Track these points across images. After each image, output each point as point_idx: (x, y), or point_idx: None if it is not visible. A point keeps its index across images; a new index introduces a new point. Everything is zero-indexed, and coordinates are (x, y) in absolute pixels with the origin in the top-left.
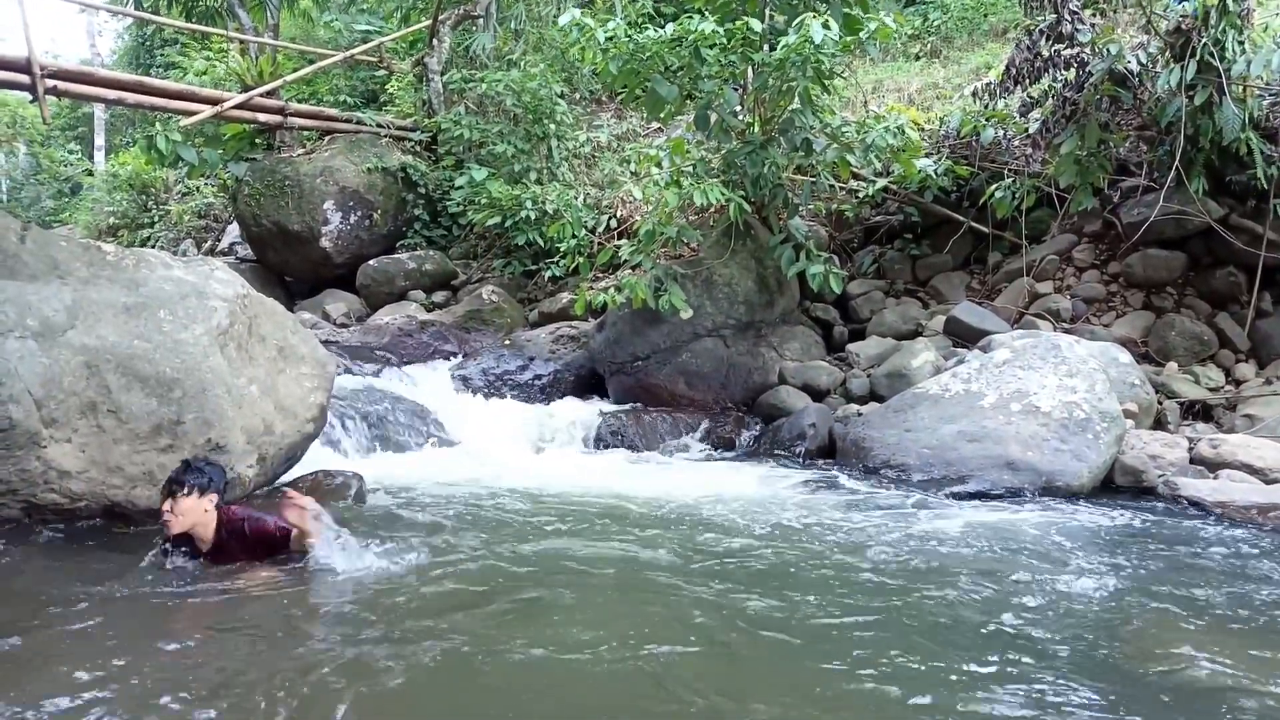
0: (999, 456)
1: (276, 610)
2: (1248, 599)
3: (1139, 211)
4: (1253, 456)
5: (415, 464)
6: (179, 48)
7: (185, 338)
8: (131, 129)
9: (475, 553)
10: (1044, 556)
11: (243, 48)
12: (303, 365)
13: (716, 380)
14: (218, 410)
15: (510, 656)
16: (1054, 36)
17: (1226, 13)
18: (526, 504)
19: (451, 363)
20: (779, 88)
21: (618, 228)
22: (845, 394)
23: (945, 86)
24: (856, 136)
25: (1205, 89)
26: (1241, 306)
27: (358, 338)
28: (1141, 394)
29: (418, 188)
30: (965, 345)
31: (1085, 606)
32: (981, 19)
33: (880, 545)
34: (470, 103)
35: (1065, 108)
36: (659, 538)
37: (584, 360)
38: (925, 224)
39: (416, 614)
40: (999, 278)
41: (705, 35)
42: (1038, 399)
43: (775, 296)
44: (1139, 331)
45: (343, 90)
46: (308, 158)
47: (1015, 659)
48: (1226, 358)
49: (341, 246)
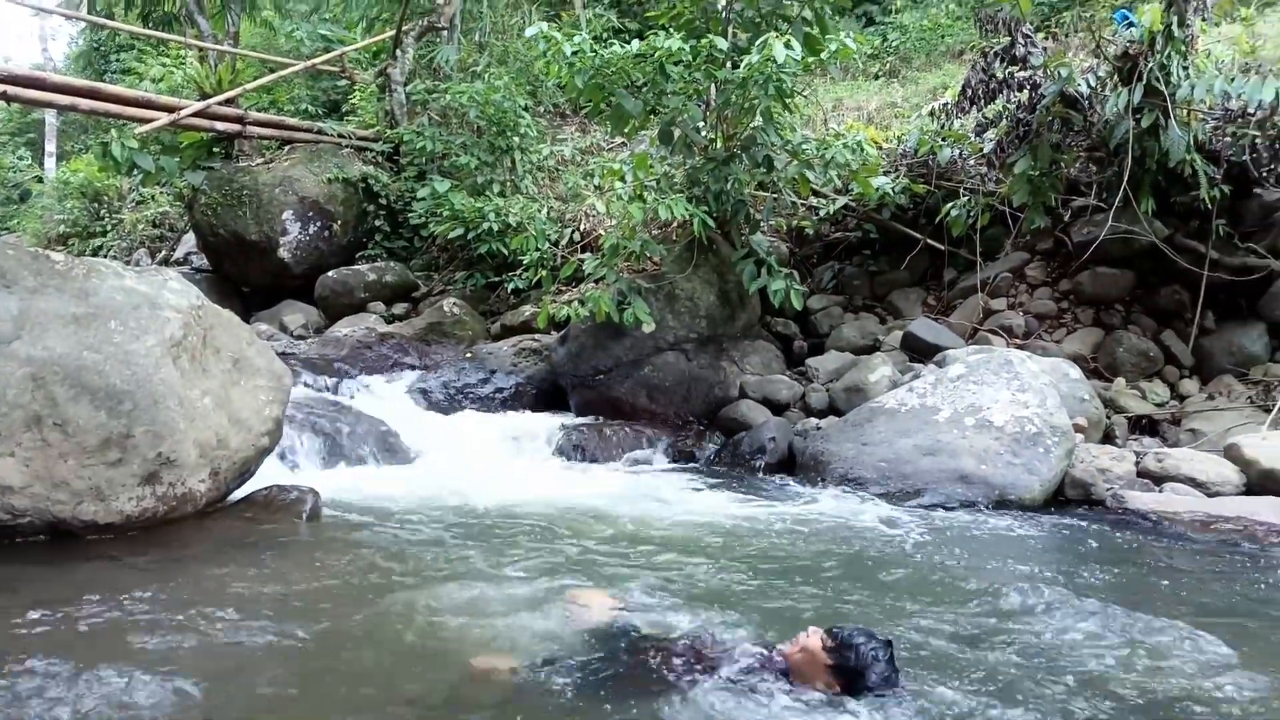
0: (953, 470)
1: (216, 634)
2: (1187, 608)
3: (1089, 230)
4: (1196, 470)
5: (373, 478)
6: (135, 53)
7: (136, 349)
8: (84, 135)
9: (428, 573)
10: (995, 568)
11: (201, 55)
12: (258, 377)
13: (678, 394)
14: (169, 423)
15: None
16: (1008, 59)
17: (1172, 39)
18: (485, 518)
19: (412, 375)
20: (741, 105)
21: (581, 241)
22: (805, 408)
23: (903, 106)
24: (817, 153)
25: (1152, 112)
26: (1186, 324)
27: (316, 350)
28: (1091, 409)
29: (379, 199)
30: (921, 360)
31: (1031, 616)
32: (939, 40)
33: (835, 558)
34: (434, 114)
35: (1019, 128)
36: (615, 554)
37: (546, 373)
38: (883, 241)
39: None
40: (954, 294)
41: (671, 52)
42: (991, 413)
43: (737, 311)
44: (1089, 347)
45: (304, 100)
46: (267, 167)
47: (962, 669)
48: (1172, 373)
49: (300, 257)
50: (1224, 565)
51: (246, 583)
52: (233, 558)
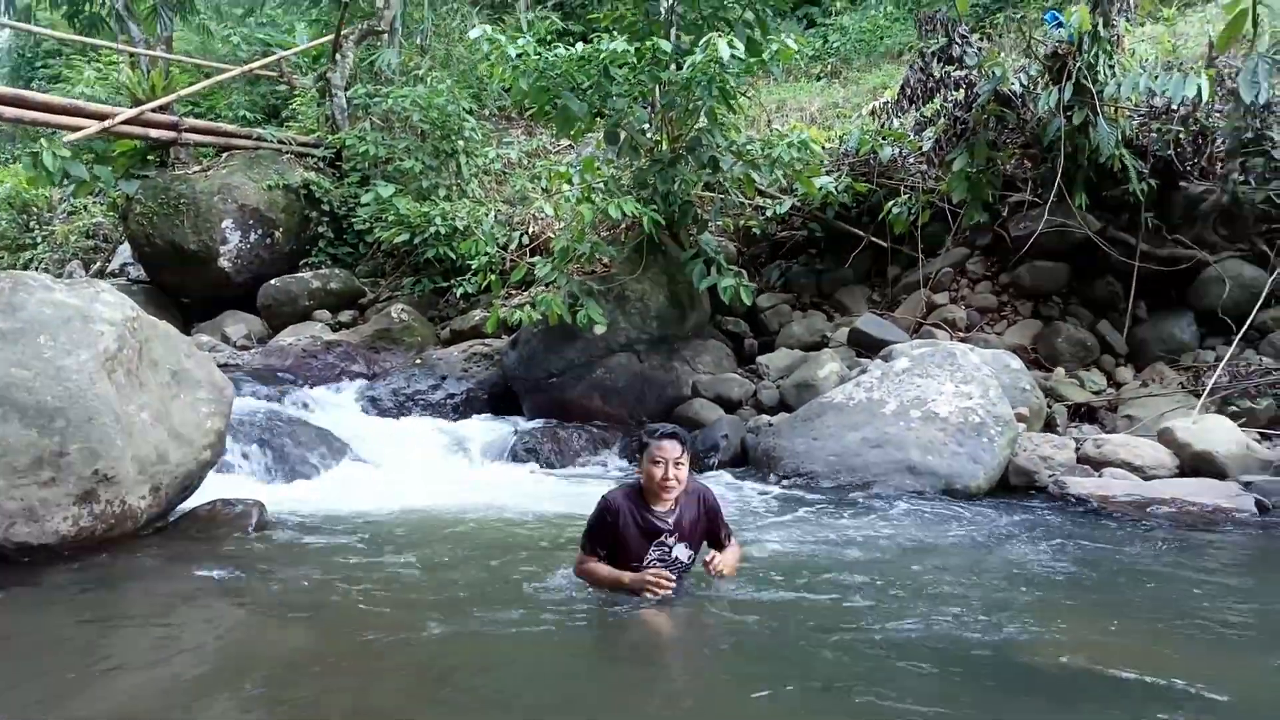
0: (901, 461)
1: (152, 657)
2: (1122, 588)
3: (1025, 225)
4: (1132, 455)
5: (320, 490)
6: (64, 59)
7: (69, 364)
8: (11, 145)
9: (376, 584)
10: (941, 556)
11: (133, 60)
12: (199, 390)
13: (631, 395)
14: (105, 439)
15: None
16: (945, 59)
17: (1098, 39)
18: (434, 527)
19: (360, 384)
20: (686, 106)
21: (530, 244)
22: (756, 405)
23: (845, 106)
24: (761, 154)
25: (1082, 110)
26: (1120, 314)
27: (260, 360)
28: (1032, 398)
29: (321, 205)
30: (868, 355)
31: (976, 602)
32: (878, 41)
33: (784, 552)
34: (376, 118)
35: (956, 127)
36: (565, 559)
37: (498, 378)
38: (828, 239)
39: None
40: (898, 290)
41: (616, 54)
42: (936, 405)
43: (687, 311)
44: (1028, 339)
45: (242, 106)
46: (204, 175)
47: (908, 655)
48: (1108, 362)
49: (241, 266)
50: (1156, 545)
51: (187, 600)
52: (174, 575)
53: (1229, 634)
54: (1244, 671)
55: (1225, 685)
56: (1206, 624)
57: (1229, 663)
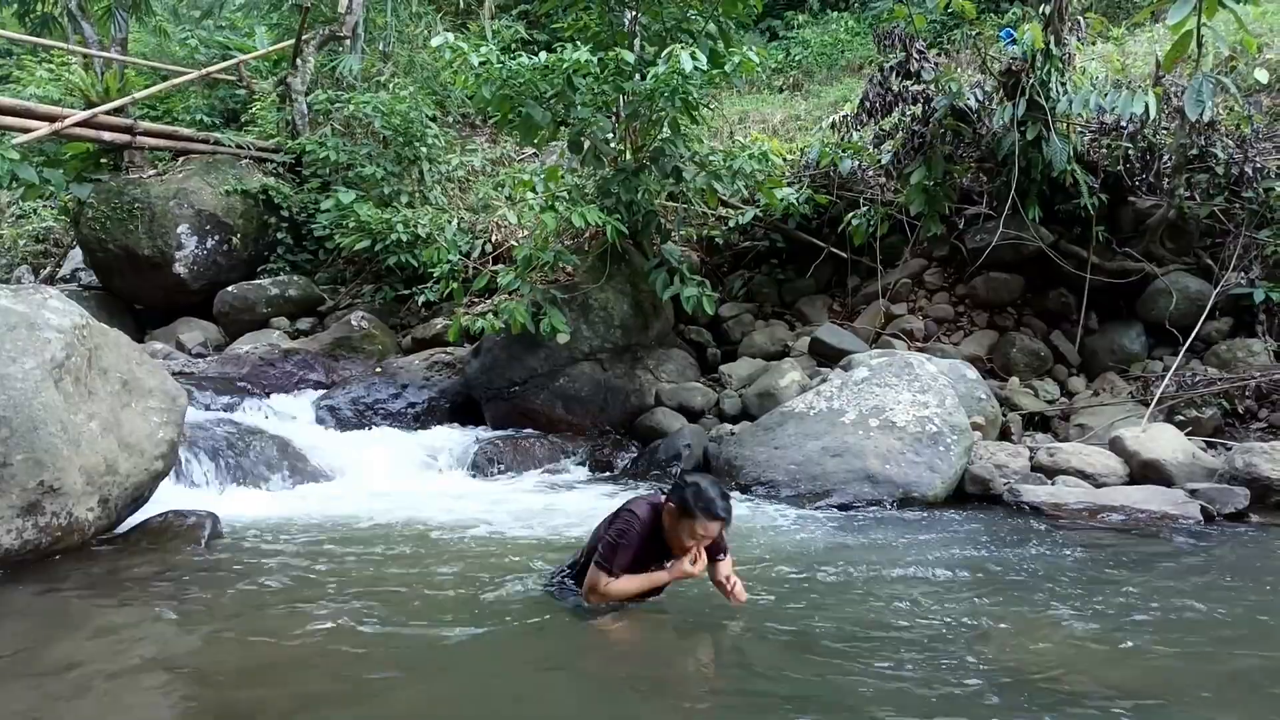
0: (859, 470)
1: (96, 673)
2: (1072, 592)
3: (981, 237)
4: (1084, 463)
5: (276, 500)
6: (15, 59)
7: (13, 372)
8: None
9: (329, 596)
10: (897, 564)
11: (86, 61)
12: (150, 399)
13: (594, 404)
14: (51, 450)
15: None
16: (903, 73)
17: (1050, 56)
18: (392, 538)
19: (318, 392)
20: (649, 116)
21: (493, 252)
22: (719, 414)
23: (806, 118)
24: (724, 164)
25: (1035, 125)
26: (1072, 324)
27: (215, 368)
28: (988, 407)
29: (280, 211)
30: (828, 364)
31: (933, 608)
32: (839, 55)
33: (743, 562)
34: (337, 124)
35: (914, 140)
36: (526, 568)
37: (460, 387)
38: (790, 250)
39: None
40: (858, 300)
41: (579, 64)
42: (894, 414)
43: (651, 320)
44: (984, 349)
45: (199, 109)
46: (160, 179)
47: (866, 662)
48: (1061, 372)
49: (197, 272)
50: (1104, 551)
51: (134, 615)
52: (122, 588)
53: (1175, 637)
54: (1188, 676)
55: (1173, 689)
56: (1154, 629)
57: (1178, 666)
